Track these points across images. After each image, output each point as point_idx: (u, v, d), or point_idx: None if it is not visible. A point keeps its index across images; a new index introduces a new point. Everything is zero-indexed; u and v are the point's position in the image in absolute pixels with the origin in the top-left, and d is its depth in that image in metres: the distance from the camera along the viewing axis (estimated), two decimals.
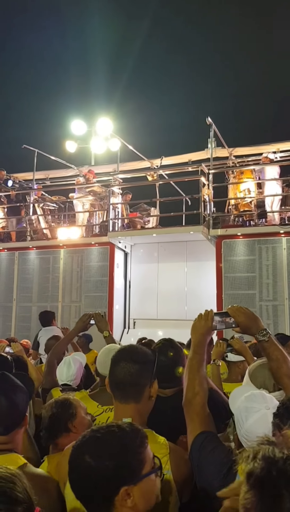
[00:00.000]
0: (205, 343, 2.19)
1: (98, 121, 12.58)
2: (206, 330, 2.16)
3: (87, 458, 1.31)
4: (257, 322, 2.13)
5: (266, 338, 2.05)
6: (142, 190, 12.04)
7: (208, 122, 9.82)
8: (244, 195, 9.55)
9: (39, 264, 10.84)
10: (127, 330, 10.59)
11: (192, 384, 2.06)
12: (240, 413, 1.79)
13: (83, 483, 1.31)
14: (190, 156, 12.06)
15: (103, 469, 1.29)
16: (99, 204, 11.02)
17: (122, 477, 1.31)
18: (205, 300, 9.18)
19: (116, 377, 1.92)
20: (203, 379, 2.10)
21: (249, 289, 8.86)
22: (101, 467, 1.29)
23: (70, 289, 10.38)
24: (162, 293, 10.59)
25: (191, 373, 2.10)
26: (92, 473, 1.29)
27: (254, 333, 2.09)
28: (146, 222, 10.94)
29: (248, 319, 2.13)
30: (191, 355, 2.15)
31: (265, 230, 9.02)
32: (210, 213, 9.44)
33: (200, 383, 2.06)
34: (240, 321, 2.13)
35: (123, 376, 1.89)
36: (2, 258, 11.33)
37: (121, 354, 1.99)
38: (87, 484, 1.30)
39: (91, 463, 1.30)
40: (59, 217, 12.15)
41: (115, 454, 1.32)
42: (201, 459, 1.83)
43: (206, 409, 2.02)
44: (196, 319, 2.21)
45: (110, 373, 1.97)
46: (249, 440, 1.65)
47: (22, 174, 13.61)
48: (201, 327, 2.16)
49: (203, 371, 2.13)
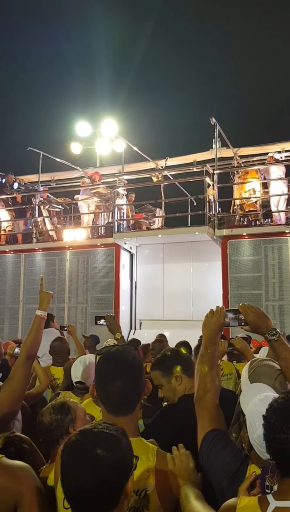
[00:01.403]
0: (216, 339, 2.17)
1: (103, 122, 12.60)
2: (217, 326, 2.14)
3: (99, 451, 1.32)
4: (266, 321, 2.10)
5: (276, 338, 2.03)
6: (147, 191, 12.08)
7: (213, 123, 9.82)
8: (249, 195, 9.54)
9: (45, 265, 10.87)
10: (133, 331, 10.60)
11: (204, 381, 2.05)
12: (253, 418, 1.73)
13: (93, 478, 1.29)
14: (194, 157, 12.06)
15: (117, 460, 1.33)
16: (104, 206, 11.04)
17: (129, 466, 1.37)
18: (211, 301, 9.15)
19: (109, 394, 1.77)
20: (215, 376, 2.08)
21: (255, 289, 8.84)
22: (114, 458, 1.32)
23: (76, 291, 10.41)
24: (168, 293, 10.60)
25: (203, 370, 2.09)
26: (106, 466, 1.30)
27: (263, 333, 2.07)
28: (151, 223, 10.96)
29: (258, 318, 2.10)
30: (202, 351, 2.13)
31: (271, 230, 9.01)
32: (215, 213, 9.43)
33: (212, 380, 2.05)
34: (250, 319, 2.10)
35: (118, 394, 1.76)
36: (8, 260, 11.38)
37: (111, 366, 1.81)
38: (99, 478, 1.30)
39: (104, 455, 1.31)
40: (65, 219, 12.20)
41: (122, 444, 1.37)
42: (211, 457, 1.83)
43: (217, 407, 2.02)
44: (207, 315, 2.18)
45: (100, 386, 1.81)
46: (262, 446, 1.60)
47: (27, 177, 13.68)
48: (212, 323, 2.14)
49: (215, 368, 2.12)
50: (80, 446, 1.34)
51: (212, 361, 2.11)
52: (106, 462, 1.31)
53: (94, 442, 1.34)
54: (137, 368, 1.84)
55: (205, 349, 2.13)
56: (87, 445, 1.33)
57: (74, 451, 1.34)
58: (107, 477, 1.30)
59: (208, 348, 2.12)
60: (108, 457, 1.31)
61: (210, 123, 9.81)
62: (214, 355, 2.12)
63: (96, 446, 1.33)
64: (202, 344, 2.16)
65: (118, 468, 1.33)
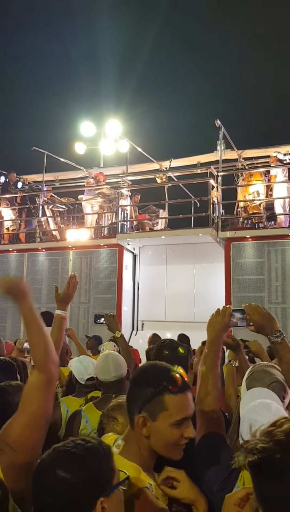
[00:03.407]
0: (221, 340, 2.12)
1: (107, 122, 12.61)
2: (222, 326, 2.09)
3: (59, 472, 1.20)
4: (272, 322, 2.07)
5: (279, 340, 2.00)
6: (151, 192, 12.08)
7: (217, 125, 9.81)
8: (253, 197, 9.54)
9: (48, 265, 10.88)
10: (135, 332, 10.60)
11: (205, 383, 2.01)
12: (244, 423, 1.72)
13: (55, 500, 1.20)
14: (199, 158, 12.07)
15: (78, 481, 1.20)
16: (108, 206, 11.05)
17: (98, 488, 1.23)
18: (214, 302, 9.11)
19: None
20: (216, 378, 2.04)
21: (258, 292, 8.83)
22: (75, 479, 1.20)
23: (78, 291, 10.39)
24: (170, 295, 10.59)
25: (205, 371, 2.05)
26: (66, 487, 1.20)
27: (267, 334, 2.04)
28: (154, 224, 10.96)
29: (263, 318, 2.08)
30: (206, 352, 2.08)
31: (274, 232, 8.99)
32: (219, 215, 9.42)
33: (213, 382, 2.01)
34: (255, 320, 2.08)
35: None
36: (11, 259, 11.39)
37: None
38: (60, 500, 1.20)
39: (64, 476, 1.20)
40: (68, 219, 12.21)
41: (88, 464, 1.24)
42: (205, 461, 1.79)
43: (217, 410, 1.98)
44: (213, 315, 2.14)
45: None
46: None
47: (31, 176, 13.71)
48: (217, 322, 2.10)
49: (217, 370, 2.07)
50: (42, 465, 1.25)
51: (215, 362, 2.06)
52: (65, 483, 1.20)
53: (57, 462, 1.23)
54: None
55: (209, 350, 2.08)
56: (50, 464, 1.23)
57: (38, 471, 1.26)
58: (67, 499, 1.20)
59: (211, 349, 2.07)
60: (69, 478, 1.20)
61: (215, 125, 9.80)
62: (217, 356, 2.07)
63: (58, 466, 1.22)
64: (206, 345, 2.11)
65: (81, 490, 1.20)
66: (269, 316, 2.10)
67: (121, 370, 3.04)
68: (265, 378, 1.95)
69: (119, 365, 3.05)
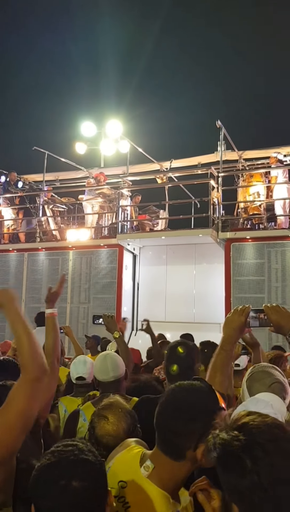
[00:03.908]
0: (236, 339, 2.09)
1: (108, 123, 12.62)
2: (238, 325, 2.05)
3: (74, 482, 1.17)
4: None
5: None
6: (151, 192, 12.08)
7: (218, 125, 9.81)
8: (253, 198, 9.54)
9: (48, 265, 10.88)
10: (135, 332, 10.59)
11: (211, 382, 1.96)
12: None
13: (61, 506, 1.16)
14: (199, 159, 12.07)
15: (96, 488, 1.20)
16: (108, 206, 11.05)
17: (104, 497, 1.23)
18: (213, 303, 9.17)
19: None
20: (224, 377, 2.02)
21: (258, 293, 8.83)
22: (92, 487, 1.19)
23: (78, 291, 10.41)
24: (170, 295, 10.58)
25: (213, 371, 2.03)
26: (85, 496, 1.17)
27: (285, 333, 2.00)
28: (155, 225, 10.96)
29: (282, 317, 2.01)
30: (218, 351, 2.06)
31: (274, 233, 8.99)
32: (219, 216, 9.42)
33: (220, 381, 1.99)
34: (273, 319, 2.02)
35: None
36: (11, 259, 11.39)
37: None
38: (77, 510, 1.17)
39: (83, 486, 1.17)
40: (69, 219, 12.21)
41: (99, 470, 1.23)
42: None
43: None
44: (231, 313, 2.10)
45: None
46: None
47: (32, 176, 13.72)
48: (234, 321, 2.06)
49: (227, 370, 2.05)
50: (45, 470, 1.21)
51: (226, 361, 2.04)
52: (82, 493, 1.17)
53: (69, 474, 1.19)
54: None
55: (221, 349, 2.05)
56: (62, 477, 1.18)
57: (40, 475, 1.21)
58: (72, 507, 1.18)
59: (224, 348, 2.04)
60: (85, 487, 1.17)
61: (216, 125, 9.80)
62: (229, 356, 2.05)
63: (72, 477, 1.18)
64: (219, 343, 2.09)
65: (97, 494, 1.20)
66: (288, 316, 2.04)
67: (119, 371, 3.06)
68: (265, 378, 1.94)
69: (117, 365, 3.08)
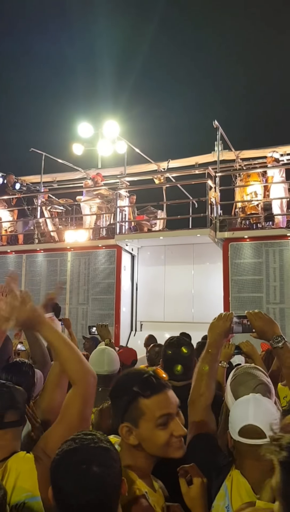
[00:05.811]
0: (221, 343, 2.17)
1: (105, 123, 12.63)
2: (223, 330, 2.13)
3: (95, 468, 1.22)
4: (273, 327, 2.10)
5: (281, 345, 2.02)
6: (149, 192, 12.09)
7: (215, 126, 9.83)
8: (251, 198, 9.56)
9: (46, 266, 10.89)
10: (134, 333, 10.61)
11: (199, 384, 2.06)
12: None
13: (92, 494, 1.20)
14: (197, 159, 12.07)
15: (114, 474, 1.25)
16: (106, 207, 11.06)
17: (119, 484, 1.28)
18: (212, 303, 9.18)
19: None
20: (211, 380, 2.07)
21: (256, 292, 8.85)
22: (111, 473, 1.24)
23: (77, 292, 10.42)
24: (169, 295, 10.60)
25: (199, 373, 2.09)
26: (104, 481, 1.22)
27: (268, 339, 2.07)
28: (153, 225, 10.98)
29: (265, 323, 2.11)
30: (204, 354, 2.12)
31: (272, 233, 9.01)
32: (217, 216, 9.44)
33: (207, 384, 2.05)
34: (256, 325, 2.11)
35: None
36: (10, 261, 11.40)
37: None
38: (96, 494, 1.21)
39: (102, 472, 1.22)
40: (67, 220, 12.22)
41: (116, 458, 1.29)
42: (195, 461, 1.79)
43: (209, 411, 2.03)
44: (215, 319, 2.19)
45: None
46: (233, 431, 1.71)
47: (29, 177, 13.72)
48: (218, 326, 2.14)
49: (213, 372, 2.11)
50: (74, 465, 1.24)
51: (212, 365, 2.10)
52: (101, 478, 1.22)
53: (90, 459, 1.24)
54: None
55: (207, 353, 2.12)
56: (82, 463, 1.24)
57: (70, 468, 1.24)
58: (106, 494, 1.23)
59: (210, 351, 2.12)
60: (104, 473, 1.22)
61: (213, 125, 9.82)
62: (215, 359, 2.12)
63: (92, 462, 1.23)
64: (205, 347, 2.15)
65: (114, 481, 1.25)
66: (270, 321, 2.14)
67: (114, 366, 3.12)
68: (249, 381, 1.93)
69: (113, 360, 3.13)
